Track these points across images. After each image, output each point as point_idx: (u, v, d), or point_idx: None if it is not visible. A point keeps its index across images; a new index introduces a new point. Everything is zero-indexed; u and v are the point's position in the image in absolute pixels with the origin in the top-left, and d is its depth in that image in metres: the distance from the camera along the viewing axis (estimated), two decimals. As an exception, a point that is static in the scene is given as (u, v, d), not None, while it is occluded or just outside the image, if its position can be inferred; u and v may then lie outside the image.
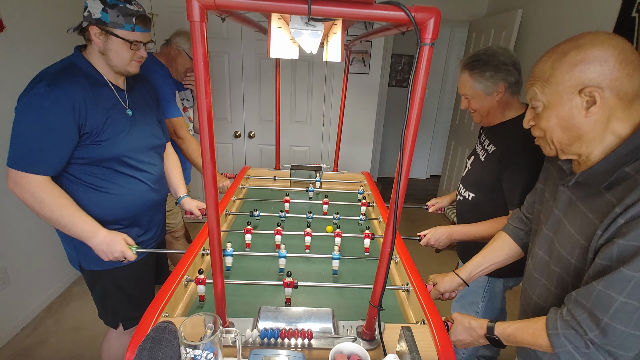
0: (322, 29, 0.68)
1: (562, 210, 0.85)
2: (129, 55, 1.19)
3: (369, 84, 3.11)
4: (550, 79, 0.75)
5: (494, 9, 3.18)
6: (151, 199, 1.38)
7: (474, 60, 1.24)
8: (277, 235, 1.35)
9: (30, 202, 1.11)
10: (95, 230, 1.19)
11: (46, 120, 1.07)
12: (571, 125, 0.76)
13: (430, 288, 1.15)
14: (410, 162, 0.66)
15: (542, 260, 0.90)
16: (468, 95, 1.29)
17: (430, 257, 3.09)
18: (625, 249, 0.66)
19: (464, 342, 0.93)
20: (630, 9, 1.81)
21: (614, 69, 0.69)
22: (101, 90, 1.19)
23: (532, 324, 0.79)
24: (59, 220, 1.14)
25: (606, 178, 0.73)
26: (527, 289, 0.95)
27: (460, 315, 0.95)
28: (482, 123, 1.36)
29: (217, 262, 0.76)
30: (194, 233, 3.23)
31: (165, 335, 0.70)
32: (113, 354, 1.47)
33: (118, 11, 1.12)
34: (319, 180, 2.01)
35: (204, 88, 0.59)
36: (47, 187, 1.12)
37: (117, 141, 1.21)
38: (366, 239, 1.36)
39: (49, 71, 1.12)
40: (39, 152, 1.09)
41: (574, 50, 0.72)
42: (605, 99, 0.71)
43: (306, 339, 0.86)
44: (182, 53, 1.85)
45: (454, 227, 1.38)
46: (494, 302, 1.42)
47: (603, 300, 0.67)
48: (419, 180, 5.29)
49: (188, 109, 2.07)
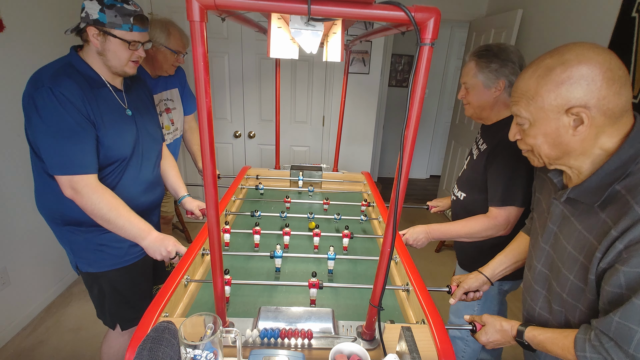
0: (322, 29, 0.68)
1: (556, 224, 0.85)
2: (127, 56, 1.18)
3: (369, 84, 3.11)
4: (536, 97, 0.73)
5: (494, 9, 3.18)
6: (148, 200, 1.38)
7: (485, 50, 1.23)
8: (286, 235, 1.36)
9: (89, 205, 1.12)
10: (149, 230, 1.20)
11: (66, 120, 1.07)
12: (559, 143, 0.75)
13: (454, 289, 1.15)
14: (410, 162, 0.66)
15: (542, 273, 0.90)
16: (468, 84, 1.27)
17: (430, 257, 3.09)
18: (632, 277, 0.65)
19: (495, 343, 0.93)
20: (630, 9, 1.81)
21: (602, 87, 0.67)
22: (100, 90, 1.19)
23: (562, 339, 0.78)
24: (117, 221, 1.15)
25: (598, 196, 0.72)
26: (529, 300, 0.95)
27: (490, 317, 0.95)
28: (473, 117, 1.34)
29: (217, 262, 0.76)
30: (194, 233, 3.24)
31: (165, 335, 0.70)
32: (113, 354, 1.47)
33: (116, 11, 1.11)
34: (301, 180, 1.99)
35: (204, 88, 0.59)
36: (101, 187, 1.13)
37: (119, 142, 1.21)
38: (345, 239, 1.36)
39: (47, 73, 1.11)
40: (79, 153, 1.09)
41: (559, 67, 0.70)
42: (593, 117, 0.69)
43: (306, 339, 0.86)
44: (161, 49, 1.69)
45: (431, 226, 1.36)
46: (490, 305, 1.41)
47: (624, 332, 0.67)
48: (419, 180, 5.29)
49: (171, 110, 1.93)
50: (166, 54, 1.72)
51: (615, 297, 0.68)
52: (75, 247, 1.25)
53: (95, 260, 1.25)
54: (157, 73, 1.81)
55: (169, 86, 1.92)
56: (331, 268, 1.23)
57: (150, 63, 1.76)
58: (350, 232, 1.36)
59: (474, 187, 1.33)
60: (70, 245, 1.27)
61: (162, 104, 1.89)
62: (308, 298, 1.12)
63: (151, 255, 1.22)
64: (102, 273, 1.32)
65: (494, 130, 1.29)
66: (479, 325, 0.97)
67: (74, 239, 1.23)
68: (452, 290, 1.15)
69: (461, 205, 1.39)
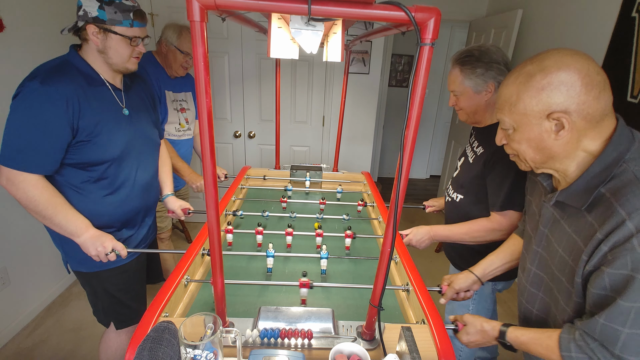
0: (322, 29, 0.68)
1: (546, 227, 0.86)
2: (128, 52, 1.18)
3: (369, 84, 3.11)
4: (518, 103, 0.75)
5: (494, 9, 3.18)
6: (144, 202, 1.37)
7: (466, 55, 1.22)
8: (288, 236, 1.36)
9: (24, 200, 1.10)
10: (86, 228, 1.18)
11: (39, 118, 1.06)
12: (542, 147, 0.77)
13: (445, 288, 1.15)
14: (410, 162, 0.66)
15: (537, 276, 0.90)
16: (457, 91, 1.27)
17: (430, 257, 3.09)
18: (616, 278, 0.66)
19: (476, 343, 0.94)
20: (630, 9, 1.80)
21: (581, 92, 0.69)
22: (97, 89, 1.18)
23: (545, 339, 0.78)
24: (52, 219, 1.13)
25: (585, 199, 0.74)
26: (525, 303, 0.95)
27: (472, 317, 0.95)
28: (467, 122, 1.34)
29: (217, 262, 0.76)
30: (194, 233, 3.24)
31: (165, 335, 0.70)
32: (111, 354, 1.47)
33: (115, 8, 1.10)
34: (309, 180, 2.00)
35: (204, 88, 0.59)
36: (41, 185, 1.11)
37: (112, 141, 1.19)
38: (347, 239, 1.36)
39: (43, 68, 1.10)
40: (33, 151, 1.07)
41: (539, 73, 0.72)
42: (574, 122, 0.71)
43: (306, 339, 0.86)
44: (171, 48, 1.82)
45: (434, 228, 1.36)
46: (484, 305, 1.41)
47: (609, 333, 0.67)
48: (419, 180, 5.29)
49: (185, 110, 2.04)
50: (176, 54, 1.83)
51: (601, 299, 0.70)
52: (67, 246, 1.25)
53: (86, 259, 1.25)
54: (169, 72, 1.91)
55: (184, 89, 2.03)
56: (324, 268, 1.23)
57: (164, 62, 1.88)
58: (353, 232, 1.36)
59: (471, 190, 1.32)
60: (62, 243, 1.27)
61: (177, 103, 1.98)
62: (309, 298, 1.12)
63: (85, 251, 1.20)
64: (94, 273, 1.31)
65: (489, 134, 1.29)
66: (461, 325, 0.97)
67: (66, 238, 1.22)
68: (443, 290, 1.15)
69: (457, 206, 1.39)
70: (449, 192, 1.46)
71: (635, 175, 0.68)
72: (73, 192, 1.19)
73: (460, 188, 1.38)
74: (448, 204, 1.45)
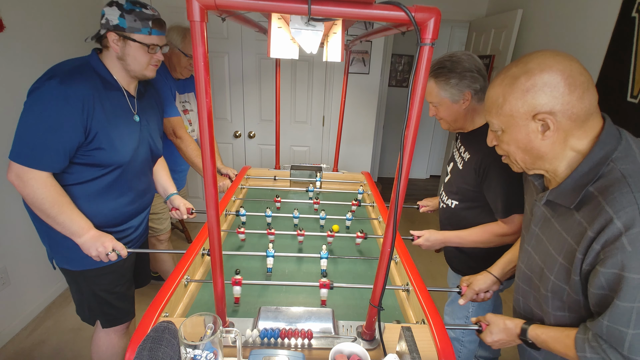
0: (322, 29, 0.68)
1: (538, 225, 0.87)
2: (146, 59, 1.20)
3: (369, 84, 3.11)
4: (504, 105, 0.77)
5: (494, 9, 3.18)
6: (140, 205, 1.39)
7: (439, 67, 1.22)
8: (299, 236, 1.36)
9: (31, 197, 1.11)
10: (88, 229, 1.19)
11: (55, 117, 1.07)
12: (530, 148, 0.78)
13: (464, 289, 1.16)
14: (410, 162, 0.66)
15: (526, 274, 0.91)
16: (435, 102, 1.28)
17: (430, 257, 3.09)
18: (609, 277, 0.67)
19: (501, 342, 0.94)
20: (630, 9, 1.80)
21: (564, 93, 0.70)
22: (112, 93, 1.20)
23: (564, 338, 0.79)
24: (56, 218, 1.14)
25: (574, 198, 0.75)
26: (522, 299, 0.96)
27: (494, 316, 0.96)
28: (450, 130, 1.35)
29: (217, 262, 0.76)
30: (194, 233, 3.24)
31: (165, 335, 0.70)
32: (102, 353, 1.47)
33: (135, 16, 1.13)
34: (320, 180, 2.01)
35: (204, 88, 0.59)
36: (49, 184, 1.12)
37: (121, 145, 1.21)
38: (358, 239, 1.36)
39: (63, 68, 1.12)
40: (45, 149, 1.08)
41: (523, 75, 0.73)
42: (559, 122, 0.72)
43: (306, 339, 0.86)
44: (175, 51, 1.82)
45: (447, 235, 1.35)
46: (484, 305, 1.41)
47: (615, 335, 0.68)
48: (419, 180, 5.29)
49: (189, 111, 2.05)
50: (180, 56, 1.84)
51: (601, 298, 0.71)
52: (54, 242, 1.25)
53: (72, 258, 1.25)
54: (173, 74, 1.92)
55: (187, 90, 2.04)
56: (324, 267, 1.23)
57: (169, 63, 1.89)
58: (364, 232, 1.36)
59: (466, 196, 1.32)
60: (48, 240, 1.27)
61: (180, 105, 1.98)
62: (309, 298, 1.12)
63: (86, 252, 1.21)
64: (80, 272, 1.31)
65: (473, 139, 1.29)
66: (484, 325, 0.97)
67: (53, 235, 1.22)
68: (463, 290, 1.16)
69: (452, 212, 1.38)
70: (442, 198, 1.45)
71: (622, 173, 0.69)
72: (76, 189, 1.20)
73: (454, 194, 1.37)
74: (443, 210, 1.45)
